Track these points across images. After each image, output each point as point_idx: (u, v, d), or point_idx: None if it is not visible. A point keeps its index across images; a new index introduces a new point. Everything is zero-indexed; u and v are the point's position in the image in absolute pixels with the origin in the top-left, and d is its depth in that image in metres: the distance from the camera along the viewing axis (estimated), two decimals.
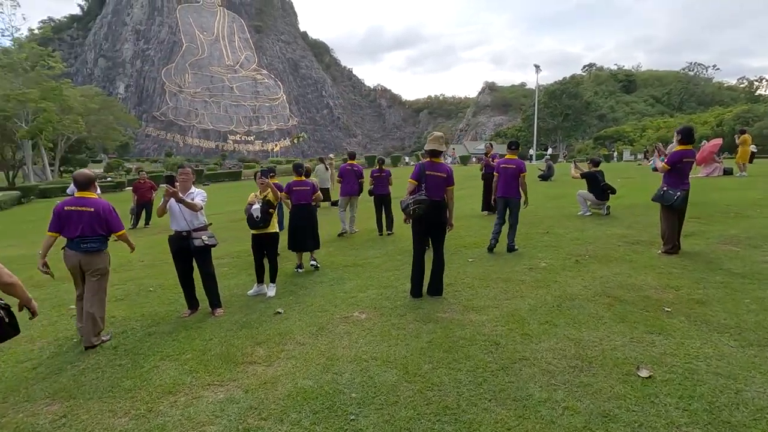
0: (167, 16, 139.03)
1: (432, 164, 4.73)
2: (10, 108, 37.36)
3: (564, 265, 5.55)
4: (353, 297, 4.98)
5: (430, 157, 4.79)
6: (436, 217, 4.71)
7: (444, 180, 4.70)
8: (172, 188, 4.40)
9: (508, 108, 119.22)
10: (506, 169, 6.76)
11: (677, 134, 5.55)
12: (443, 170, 4.72)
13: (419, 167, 4.78)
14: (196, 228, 4.79)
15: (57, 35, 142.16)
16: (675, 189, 5.46)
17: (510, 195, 6.74)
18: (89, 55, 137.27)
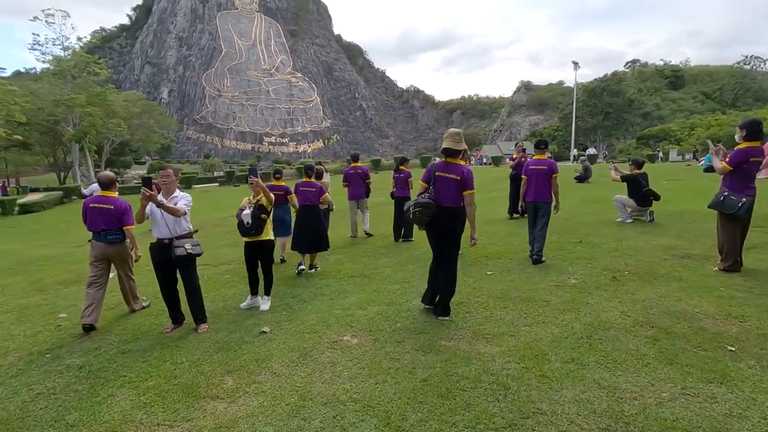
0: (208, 23, 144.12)
1: (445, 165, 4.09)
2: (59, 113, 39.51)
3: (598, 283, 4.75)
4: (350, 315, 4.41)
5: (445, 156, 4.15)
6: (447, 224, 4.03)
7: (457, 183, 3.97)
8: (148, 191, 3.99)
9: (545, 107, 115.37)
10: (536, 170, 6.05)
11: (740, 129, 4.63)
12: (458, 172, 3.99)
13: (430, 168, 4.20)
14: (180, 235, 4.38)
15: (107, 44, 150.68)
16: (739, 194, 4.55)
17: (541, 199, 6.04)
18: (136, 62, 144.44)
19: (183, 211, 4.29)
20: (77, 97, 38.01)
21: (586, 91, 67.28)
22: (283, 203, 6.80)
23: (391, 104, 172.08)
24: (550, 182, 6.07)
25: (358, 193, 8.90)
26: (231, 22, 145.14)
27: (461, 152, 4.13)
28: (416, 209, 3.96)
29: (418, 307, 4.46)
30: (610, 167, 8.52)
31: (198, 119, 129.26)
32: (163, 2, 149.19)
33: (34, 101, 40.29)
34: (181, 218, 4.36)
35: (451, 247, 4.14)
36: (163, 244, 4.35)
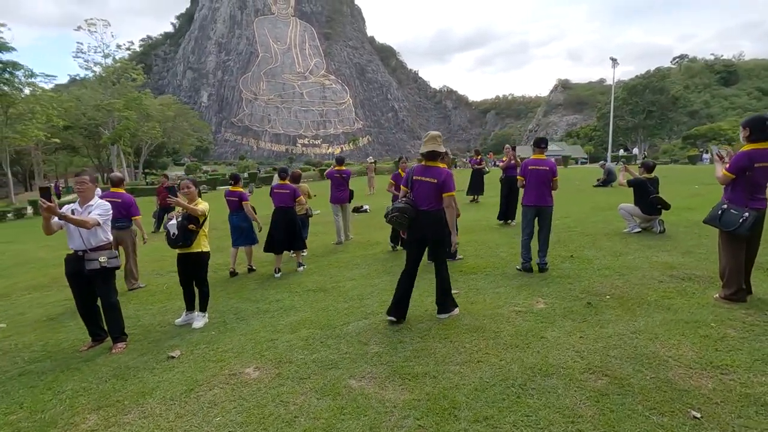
0: (245, 28, 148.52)
1: (423, 168, 4.00)
2: (99, 117, 41.58)
3: (568, 310, 4.03)
4: (273, 341, 3.93)
5: (425, 159, 4.04)
6: (429, 230, 3.95)
7: (435, 186, 3.90)
8: (45, 203, 3.68)
9: (584, 106, 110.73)
10: (536, 171, 5.44)
11: (743, 128, 3.78)
12: (435, 175, 3.92)
13: (409, 172, 4.15)
14: (95, 247, 4.05)
15: (153, 51, 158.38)
16: (740, 208, 3.71)
17: (542, 203, 5.47)
18: (179, 68, 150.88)
19: (93, 222, 3.95)
20: (115, 102, 39.83)
21: (626, 88, 63.77)
22: (239, 209, 6.43)
23: (424, 105, 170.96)
24: (551, 185, 5.44)
25: (341, 196, 8.50)
26: (267, 27, 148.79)
27: (441, 155, 4.04)
28: (393, 213, 3.93)
29: (353, 332, 3.93)
30: (620, 168, 7.61)
31: (235, 122, 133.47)
32: (204, 10, 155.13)
33: (78, 106, 42.69)
34: (97, 229, 4.04)
35: (439, 250, 4.10)
36: (77, 256, 4.04)
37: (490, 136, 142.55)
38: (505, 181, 9.25)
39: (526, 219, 5.54)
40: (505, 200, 9.07)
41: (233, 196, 6.49)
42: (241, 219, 6.65)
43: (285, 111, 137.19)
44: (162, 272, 7.41)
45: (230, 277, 6.58)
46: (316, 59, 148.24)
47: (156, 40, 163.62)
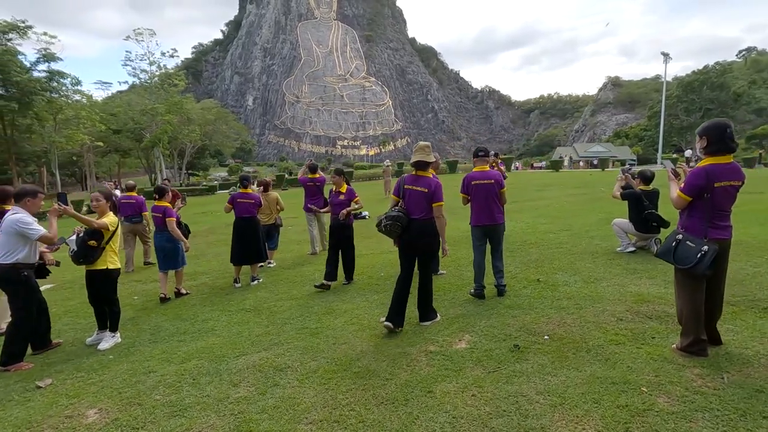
0: (289, 33, 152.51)
1: (414, 178, 4.14)
2: (144, 121, 43.94)
3: (487, 354, 3.38)
4: (151, 373, 3.58)
5: (415, 169, 4.17)
6: (419, 238, 4.07)
7: (426, 195, 4.03)
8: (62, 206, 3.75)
9: (636, 104, 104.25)
10: (480, 186, 4.78)
11: (699, 137, 2.98)
12: (425, 184, 4.05)
13: (399, 181, 4.28)
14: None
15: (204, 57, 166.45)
16: (698, 239, 2.92)
17: (491, 221, 4.81)
18: (227, 73, 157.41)
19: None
20: (158, 107, 41.88)
21: (682, 85, 59.15)
22: (163, 228, 5.78)
23: (465, 105, 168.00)
24: (500, 198, 4.79)
25: (315, 205, 8.11)
26: (310, 31, 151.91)
27: (430, 164, 4.16)
28: (387, 222, 4.01)
29: (236, 368, 3.51)
30: (618, 177, 6.66)
31: (278, 124, 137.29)
32: (251, 16, 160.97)
33: (126, 111, 45.37)
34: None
35: (427, 259, 4.21)
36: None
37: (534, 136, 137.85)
38: None
39: (477, 241, 4.88)
40: None
41: (157, 212, 5.78)
42: (164, 239, 5.85)
43: (326, 113, 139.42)
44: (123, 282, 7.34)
45: (161, 303, 5.84)
46: (357, 62, 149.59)
47: (206, 47, 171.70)
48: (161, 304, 5.80)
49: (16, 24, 25.52)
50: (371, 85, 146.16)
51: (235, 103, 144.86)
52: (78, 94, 30.53)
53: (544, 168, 40.66)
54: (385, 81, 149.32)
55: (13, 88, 25.73)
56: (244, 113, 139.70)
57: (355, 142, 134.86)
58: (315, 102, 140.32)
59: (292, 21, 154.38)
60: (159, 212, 5.75)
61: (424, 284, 4.19)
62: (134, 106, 45.65)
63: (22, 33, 26.26)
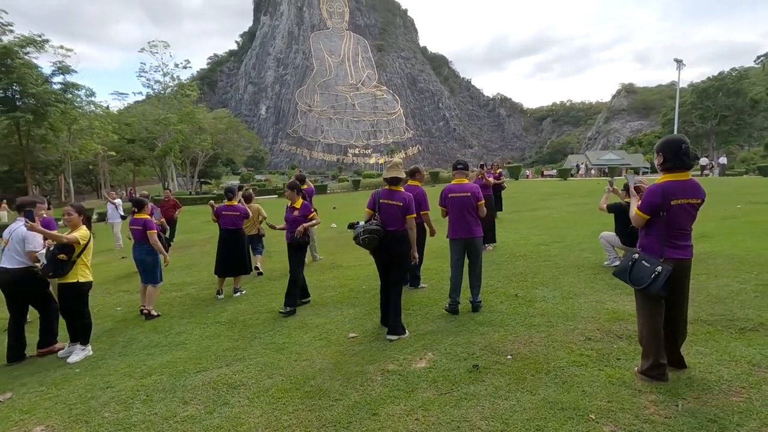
0: (302, 43, 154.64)
1: (388, 192, 4.37)
2: (157, 130, 44.84)
3: (444, 375, 3.30)
4: (108, 389, 3.58)
5: (388, 185, 4.39)
6: (393, 249, 4.28)
7: (400, 209, 4.27)
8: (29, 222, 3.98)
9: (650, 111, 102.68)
10: (457, 199, 4.72)
11: (656, 153, 2.88)
12: (400, 198, 4.30)
13: (374, 195, 4.47)
14: None
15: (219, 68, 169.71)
16: (653, 258, 2.81)
17: (469, 235, 4.74)
18: (241, 83, 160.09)
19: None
20: (171, 116, 42.72)
21: (696, 91, 58.13)
22: (143, 241, 5.70)
23: (476, 113, 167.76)
24: (477, 212, 4.72)
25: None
26: (323, 41, 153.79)
27: (402, 180, 4.43)
28: (365, 235, 4.15)
29: (192, 384, 3.50)
30: (606, 189, 6.47)
31: (290, 133, 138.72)
32: (264, 27, 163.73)
33: (140, 121, 46.38)
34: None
35: (399, 271, 4.38)
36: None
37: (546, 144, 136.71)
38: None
39: (454, 254, 4.80)
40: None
41: (137, 225, 5.69)
42: (144, 252, 5.72)
43: (337, 122, 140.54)
44: (111, 292, 7.43)
45: (140, 314, 5.75)
46: (369, 71, 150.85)
47: (221, 58, 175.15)
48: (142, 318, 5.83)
49: (33, 38, 26.42)
50: (383, 93, 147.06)
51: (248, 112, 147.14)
52: (92, 104, 31.36)
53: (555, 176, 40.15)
54: (397, 90, 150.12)
55: (29, 99, 26.56)
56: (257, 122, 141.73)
57: (366, 151, 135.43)
58: (327, 111, 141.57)
59: (304, 31, 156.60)
60: (139, 225, 5.65)
61: (393, 299, 4.27)
62: (148, 115, 46.68)
63: (39, 47, 27.16)
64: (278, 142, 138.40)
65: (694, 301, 4.36)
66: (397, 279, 4.35)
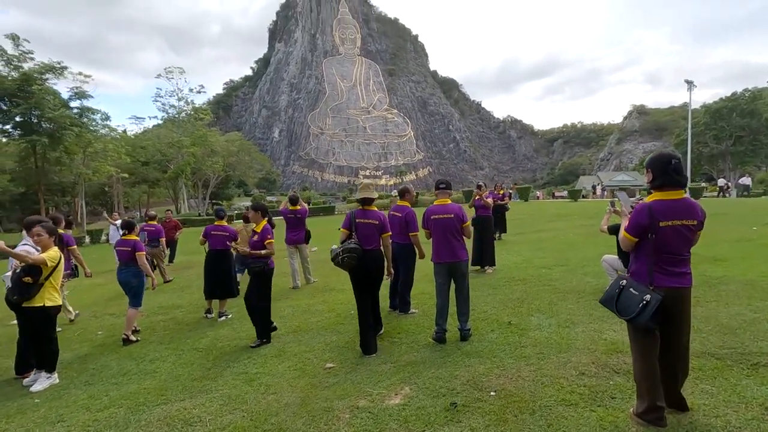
0: (315, 69, 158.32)
1: (363, 212, 4.55)
2: (170, 153, 45.76)
3: (417, 413, 2.98)
4: (58, 423, 3.35)
5: (361, 205, 4.62)
6: (370, 267, 4.43)
7: (377, 227, 4.48)
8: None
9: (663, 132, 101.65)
10: (440, 221, 4.48)
11: (646, 170, 2.62)
12: (375, 217, 4.50)
13: (349, 215, 4.60)
14: None
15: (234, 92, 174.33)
16: (642, 286, 2.52)
17: (454, 258, 4.46)
18: (255, 107, 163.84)
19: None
20: (184, 139, 43.62)
21: (709, 112, 57.44)
22: (131, 262, 5.58)
23: (487, 135, 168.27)
24: (462, 234, 4.46)
25: (296, 237, 7.99)
26: (335, 66, 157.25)
27: (374, 200, 4.66)
28: (345, 255, 4.24)
29: (148, 420, 3.24)
30: (608, 210, 6.15)
31: (302, 155, 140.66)
32: (279, 54, 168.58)
33: (155, 144, 47.44)
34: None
35: (375, 287, 4.55)
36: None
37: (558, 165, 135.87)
38: (475, 221, 8.11)
39: (439, 279, 4.52)
40: (477, 243, 7.89)
41: (125, 246, 5.59)
42: (130, 274, 5.58)
43: (348, 144, 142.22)
44: (98, 314, 7.26)
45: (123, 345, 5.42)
46: (380, 94, 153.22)
47: (237, 83, 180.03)
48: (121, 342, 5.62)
49: (52, 65, 27.42)
50: (393, 116, 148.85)
51: (262, 135, 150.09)
52: (107, 128, 32.21)
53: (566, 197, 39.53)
54: (407, 112, 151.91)
55: (46, 123, 27.37)
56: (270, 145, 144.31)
57: (377, 172, 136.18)
58: (338, 133, 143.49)
59: (317, 57, 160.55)
60: (128, 246, 5.56)
61: (374, 310, 4.52)
62: (162, 138, 47.75)
63: (58, 73, 28.14)
64: (291, 164, 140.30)
65: (702, 331, 4.01)
66: (375, 295, 4.60)
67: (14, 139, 27.61)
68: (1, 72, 26.33)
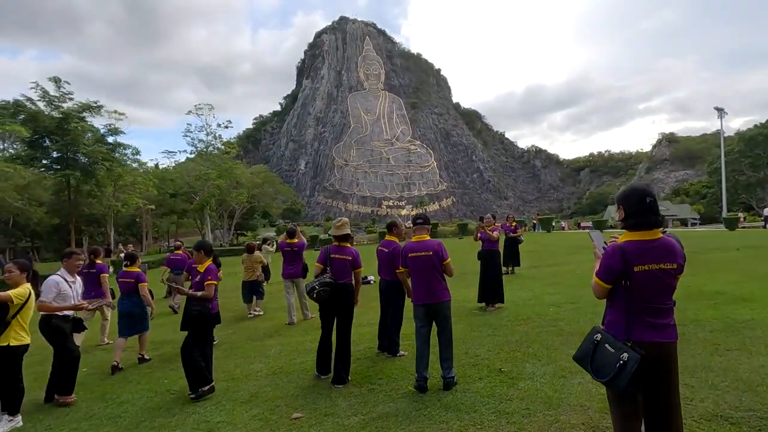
0: (340, 103, 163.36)
1: (338, 248, 4.79)
2: (198, 185, 47.29)
3: None
4: None
5: (337, 241, 4.85)
6: (343, 300, 4.64)
7: (350, 262, 4.72)
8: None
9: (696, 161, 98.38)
10: (418, 258, 4.19)
11: (618, 207, 2.30)
12: (348, 253, 4.75)
13: (324, 251, 4.82)
14: None
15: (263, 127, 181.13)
16: (619, 341, 2.15)
17: (433, 299, 4.16)
18: (282, 141, 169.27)
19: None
20: (210, 172, 45.09)
21: (743, 139, 55.38)
22: (133, 293, 5.75)
23: (511, 165, 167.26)
24: (442, 272, 4.16)
25: (293, 271, 7.79)
26: (359, 101, 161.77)
27: (348, 236, 4.96)
28: (320, 288, 4.43)
29: None
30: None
31: (327, 186, 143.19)
32: (306, 90, 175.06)
33: (183, 176, 49.24)
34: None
35: (348, 320, 4.69)
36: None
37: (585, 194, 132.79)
38: (480, 255, 7.73)
39: (418, 322, 4.20)
40: (482, 277, 7.49)
41: (129, 278, 5.75)
42: (133, 304, 5.78)
43: (372, 175, 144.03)
44: (89, 350, 7.17)
45: (111, 373, 5.52)
46: (403, 126, 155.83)
47: (266, 118, 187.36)
48: (102, 379, 5.47)
49: (89, 104, 29.24)
50: (416, 148, 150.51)
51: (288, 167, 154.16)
52: (136, 162, 33.72)
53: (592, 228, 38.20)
54: (430, 144, 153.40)
55: (82, 157, 28.92)
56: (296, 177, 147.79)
57: (400, 202, 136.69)
58: (362, 165, 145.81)
59: (342, 92, 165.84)
60: (131, 278, 5.76)
61: (345, 339, 4.59)
62: (191, 171, 49.54)
63: (95, 111, 29.93)
64: (315, 195, 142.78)
65: (717, 387, 3.49)
66: (347, 328, 4.65)
67: (51, 173, 29.19)
68: (44, 111, 28.23)
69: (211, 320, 4.79)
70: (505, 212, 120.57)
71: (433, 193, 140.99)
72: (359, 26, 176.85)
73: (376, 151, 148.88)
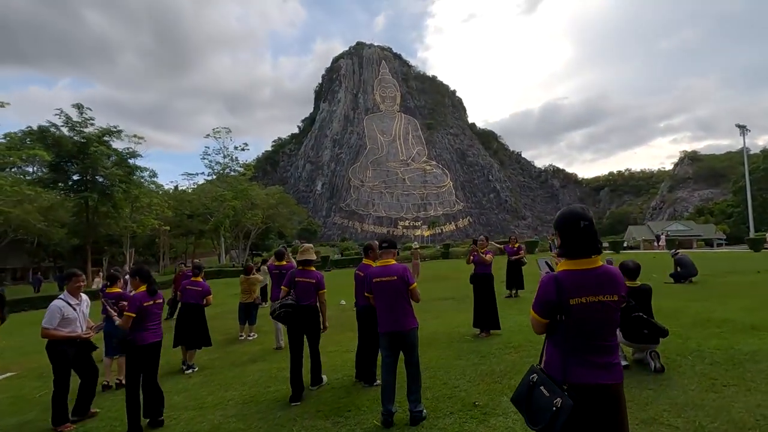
0: (357, 125, 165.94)
1: (302, 271, 5.13)
2: (213, 206, 48.14)
3: None
4: None
5: (301, 265, 5.17)
6: (307, 320, 4.96)
7: (313, 285, 5.06)
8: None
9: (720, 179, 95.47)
10: (382, 284, 4.01)
11: (556, 232, 2.09)
12: (312, 276, 5.11)
13: (290, 275, 5.14)
14: None
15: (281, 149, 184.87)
16: (554, 384, 1.92)
17: (399, 327, 3.95)
18: (299, 162, 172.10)
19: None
20: (226, 193, 45.93)
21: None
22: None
23: (528, 185, 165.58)
24: (409, 298, 3.97)
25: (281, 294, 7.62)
26: (375, 122, 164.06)
27: (313, 261, 5.32)
28: (281, 310, 4.79)
29: None
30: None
31: (343, 206, 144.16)
32: (323, 113, 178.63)
33: (200, 198, 50.27)
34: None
35: (315, 338, 5.09)
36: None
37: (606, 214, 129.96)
38: (472, 278, 7.45)
39: (383, 351, 3.99)
40: (476, 303, 7.19)
41: (111, 299, 5.72)
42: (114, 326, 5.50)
43: (388, 195, 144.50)
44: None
45: (103, 391, 5.62)
46: (418, 147, 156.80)
47: (284, 140, 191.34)
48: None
49: (110, 129, 30.34)
50: (432, 168, 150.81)
51: (305, 188, 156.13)
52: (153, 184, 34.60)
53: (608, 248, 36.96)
54: (446, 164, 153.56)
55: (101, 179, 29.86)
56: (313, 197, 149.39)
57: (416, 223, 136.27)
58: (378, 185, 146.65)
59: (359, 115, 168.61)
60: (112, 299, 5.73)
61: (315, 354, 5.08)
62: (207, 193, 50.59)
63: (115, 136, 31.02)
64: (332, 215, 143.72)
65: (705, 429, 3.16)
66: (315, 344, 5.08)
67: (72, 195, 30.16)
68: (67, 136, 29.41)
69: (136, 351, 4.38)
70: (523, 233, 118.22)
71: (449, 213, 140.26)
72: (375, 51, 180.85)
73: (392, 171, 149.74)
